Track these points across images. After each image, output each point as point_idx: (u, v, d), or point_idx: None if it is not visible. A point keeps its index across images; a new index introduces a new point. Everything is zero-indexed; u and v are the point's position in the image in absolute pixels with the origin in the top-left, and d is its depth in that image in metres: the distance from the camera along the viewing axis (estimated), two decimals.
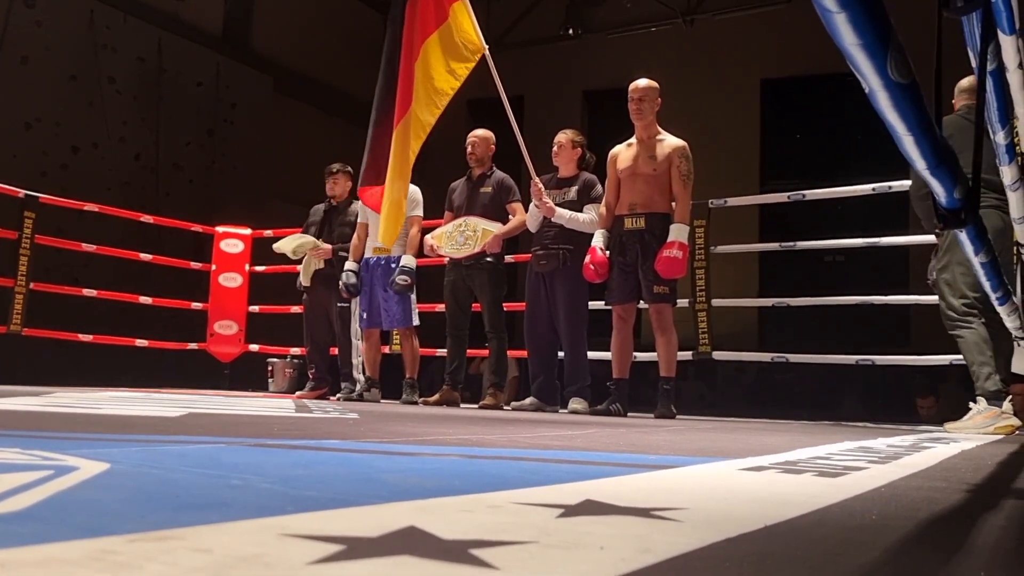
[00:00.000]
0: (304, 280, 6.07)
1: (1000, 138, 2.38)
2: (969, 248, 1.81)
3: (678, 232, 4.56)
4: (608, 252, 4.78)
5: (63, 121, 8.02)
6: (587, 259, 4.75)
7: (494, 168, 5.58)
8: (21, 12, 7.82)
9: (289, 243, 5.97)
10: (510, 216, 5.43)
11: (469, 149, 5.57)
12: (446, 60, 4.99)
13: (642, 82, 4.81)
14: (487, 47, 5.03)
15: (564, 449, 2.00)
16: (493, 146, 5.61)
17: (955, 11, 1.63)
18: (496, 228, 5.32)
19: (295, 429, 2.31)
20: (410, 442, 1.99)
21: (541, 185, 5.05)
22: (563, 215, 5.01)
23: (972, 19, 1.66)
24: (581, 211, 5.05)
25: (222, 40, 9.97)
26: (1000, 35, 2.41)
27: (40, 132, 7.85)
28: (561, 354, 5.31)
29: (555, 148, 5.28)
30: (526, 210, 5.32)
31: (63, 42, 8.10)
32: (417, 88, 4.99)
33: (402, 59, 5.10)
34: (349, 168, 6.15)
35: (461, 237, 5.33)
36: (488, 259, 5.36)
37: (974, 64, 1.88)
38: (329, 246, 5.98)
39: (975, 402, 3.86)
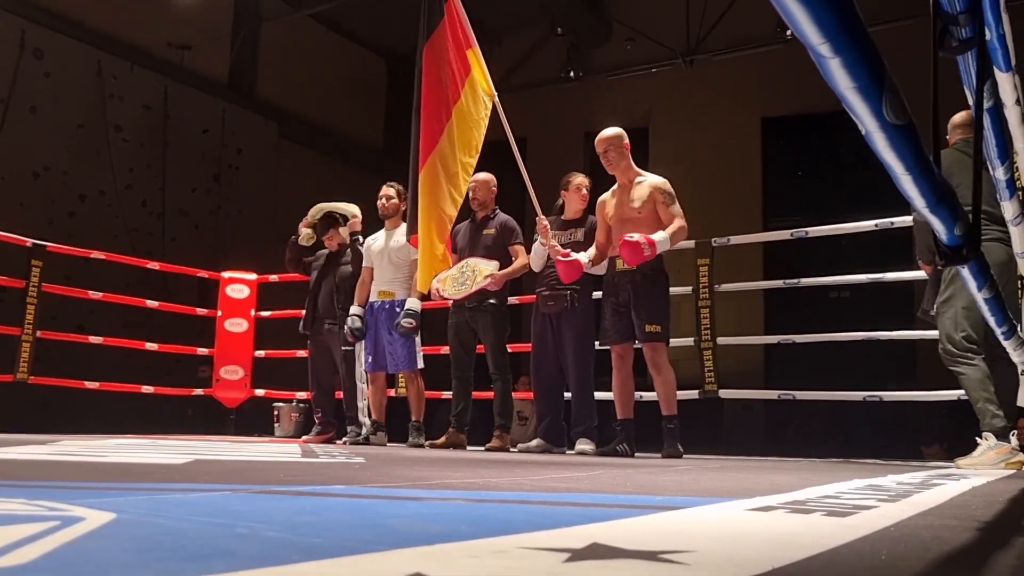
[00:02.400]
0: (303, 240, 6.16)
1: (1000, 173, 2.40)
2: (972, 284, 1.81)
3: (657, 235, 4.50)
4: (584, 262, 4.78)
5: (71, 169, 8.10)
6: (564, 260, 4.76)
7: (497, 210, 5.61)
8: (30, 64, 7.95)
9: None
10: (512, 258, 5.44)
11: (471, 193, 5.60)
12: (477, 108, 5.06)
13: (604, 133, 4.89)
14: (495, 92, 5.09)
15: (570, 491, 1.99)
16: (495, 188, 5.64)
17: (950, 51, 1.65)
18: (493, 267, 5.32)
19: (301, 475, 2.31)
20: (416, 486, 1.99)
21: (547, 222, 5.07)
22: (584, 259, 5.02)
23: (967, 58, 1.68)
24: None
25: (228, 87, 10.10)
26: (996, 72, 2.44)
27: (48, 181, 7.93)
28: (568, 395, 5.30)
29: (583, 192, 5.28)
30: (528, 251, 5.35)
31: (71, 92, 8.22)
32: (457, 133, 5.01)
33: (423, 105, 5.15)
34: (337, 215, 6.21)
35: (462, 278, 5.35)
36: (491, 301, 5.37)
37: (971, 102, 1.90)
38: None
39: (982, 437, 3.83)
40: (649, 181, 4.77)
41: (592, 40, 12.05)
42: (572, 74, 11.93)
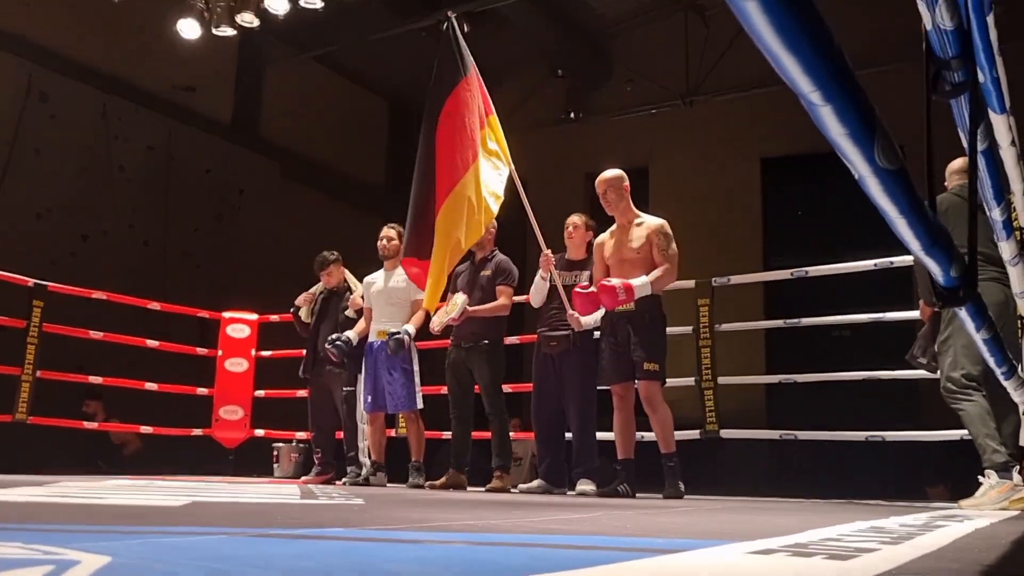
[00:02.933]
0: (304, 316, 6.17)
1: (996, 214, 2.41)
2: (970, 325, 1.81)
3: (638, 281, 4.53)
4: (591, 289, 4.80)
5: (74, 210, 8.15)
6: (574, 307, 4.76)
7: (496, 251, 5.63)
8: (36, 106, 8.04)
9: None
10: (498, 297, 5.45)
11: None
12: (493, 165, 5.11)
13: (604, 174, 4.92)
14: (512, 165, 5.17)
15: (571, 534, 1.97)
16: (493, 231, 5.65)
17: (944, 95, 1.67)
18: (464, 300, 5.35)
19: (300, 517, 2.29)
20: (415, 528, 1.97)
21: (550, 254, 5.10)
22: (576, 318, 5.01)
23: (961, 101, 1.70)
24: None
25: (231, 128, 10.19)
26: (991, 114, 2.47)
27: (50, 221, 7.98)
28: (569, 435, 5.28)
29: (569, 230, 5.33)
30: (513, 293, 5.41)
31: (76, 134, 8.29)
32: (475, 183, 5.04)
33: (440, 138, 5.20)
34: (335, 252, 6.25)
35: (446, 309, 5.41)
36: (485, 341, 5.36)
37: (965, 144, 1.92)
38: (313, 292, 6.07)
39: (984, 475, 3.80)
40: (648, 223, 4.80)
41: (592, 82, 12.18)
42: (572, 115, 12.04)
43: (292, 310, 6.32)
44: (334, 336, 5.74)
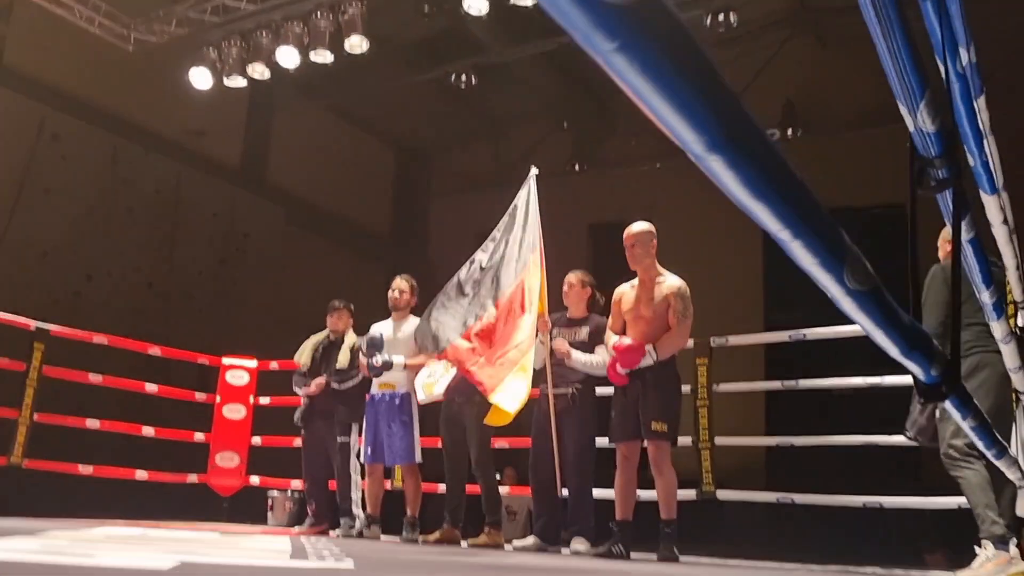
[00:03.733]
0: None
1: (986, 297, 2.44)
2: (956, 416, 1.83)
3: (651, 347, 4.56)
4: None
5: (79, 250, 8.22)
6: (616, 349, 4.72)
7: None
8: (47, 147, 8.15)
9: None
10: None
11: None
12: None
13: (635, 227, 4.89)
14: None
15: None
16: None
17: (929, 190, 1.71)
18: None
19: None
20: None
21: (547, 319, 5.12)
22: (578, 359, 5.04)
23: (946, 195, 1.73)
24: (592, 352, 5.08)
25: (239, 173, 10.30)
26: (982, 194, 2.51)
27: (55, 260, 8.04)
28: (565, 492, 5.25)
29: (565, 288, 5.35)
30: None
31: (85, 175, 8.40)
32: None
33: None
34: (351, 306, 6.24)
35: (432, 376, 5.42)
36: (479, 396, 5.35)
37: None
38: (323, 379, 5.99)
39: (980, 546, 3.78)
40: (669, 283, 4.76)
41: (597, 134, 12.31)
42: (577, 167, 12.15)
43: (296, 377, 6.30)
44: (367, 336, 5.67)
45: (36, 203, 8.00)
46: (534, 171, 5.48)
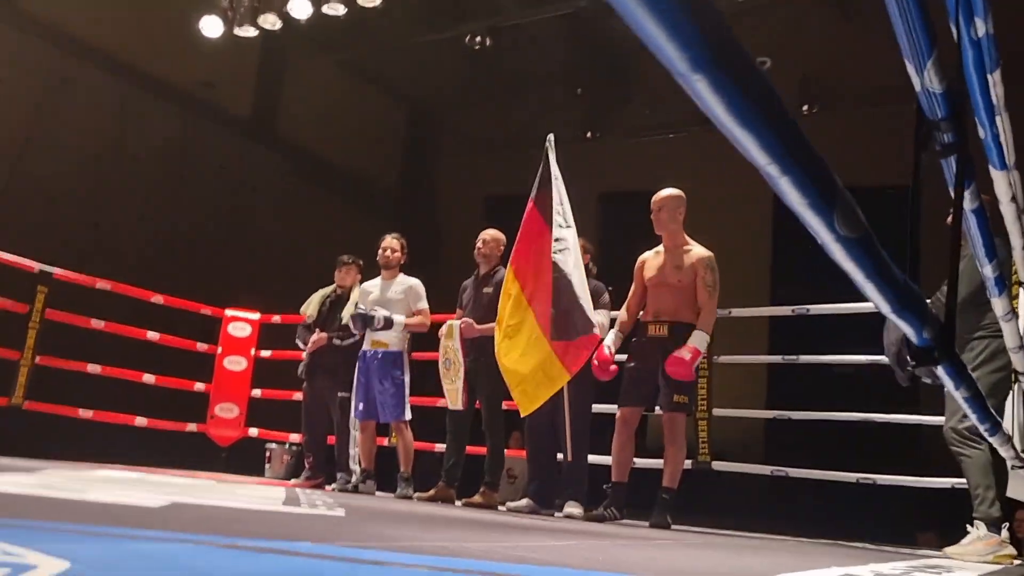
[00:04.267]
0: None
1: (988, 271, 2.41)
2: (949, 384, 1.81)
3: (697, 339, 4.53)
4: (613, 352, 4.75)
5: (86, 198, 8.20)
6: (593, 357, 4.72)
7: (500, 268, 5.60)
8: (55, 92, 8.10)
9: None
10: None
11: (479, 245, 5.64)
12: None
13: (662, 192, 4.82)
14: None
15: (538, 564, 1.98)
16: (503, 247, 5.66)
17: (934, 154, 1.68)
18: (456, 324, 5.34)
19: (274, 527, 2.30)
20: (384, 548, 1.98)
21: None
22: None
23: (951, 161, 1.70)
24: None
25: (248, 125, 10.25)
26: (992, 170, 2.47)
27: (62, 207, 8.02)
28: (560, 456, 5.27)
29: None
30: None
31: (94, 123, 8.35)
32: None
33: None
34: (360, 261, 6.22)
35: (445, 367, 5.38)
36: (491, 356, 5.35)
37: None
38: (323, 336, 6.00)
39: (972, 525, 3.78)
40: (696, 251, 4.71)
41: (612, 102, 12.20)
42: (590, 134, 12.06)
43: (302, 326, 6.29)
44: (354, 312, 5.65)
45: (45, 147, 7.97)
46: (551, 138, 5.43)
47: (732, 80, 0.67)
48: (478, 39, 10.31)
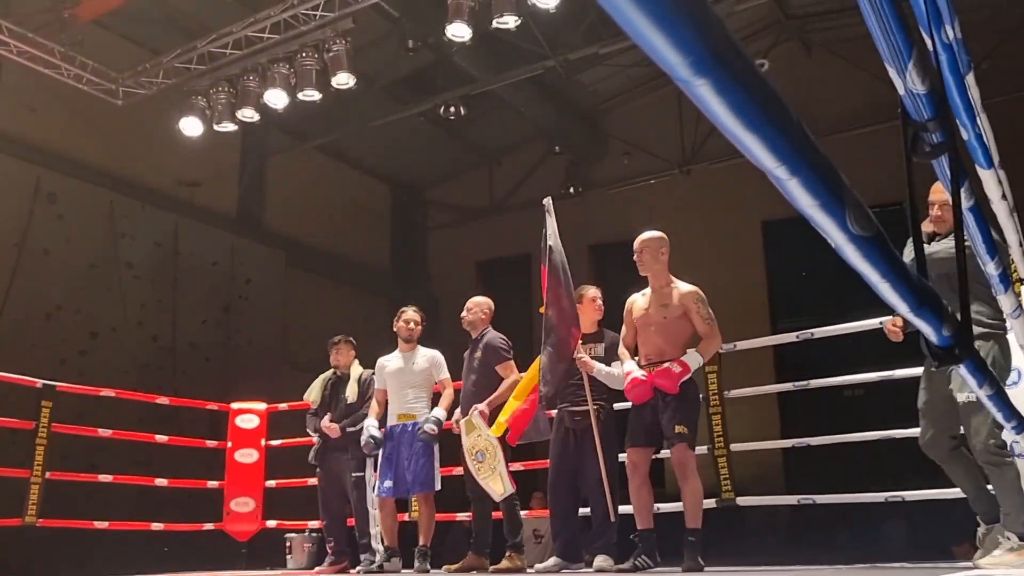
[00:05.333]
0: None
1: (991, 268, 2.42)
2: (972, 382, 1.80)
3: (690, 357, 4.53)
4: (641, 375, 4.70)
5: (82, 308, 8.22)
6: (627, 384, 4.66)
7: (487, 330, 5.58)
8: (44, 207, 8.18)
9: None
10: (502, 377, 5.37)
11: (464, 314, 5.64)
12: None
13: (643, 235, 4.86)
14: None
15: None
16: (488, 311, 5.65)
17: (924, 156, 1.70)
18: (476, 417, 5.26)
19: None
20: None
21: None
22: (600, 370, 4.99)
23: (943, 161, 1.72)
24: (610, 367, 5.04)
25: (236, 220, 10.33)
26: (979, 169, 2.49)
27: (59, 320, 8.04)
28: (585, 510, 5.19)
29: (598, 303, 5.31)
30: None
31: (83, 233, 8.42)
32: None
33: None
34: (351, 338, 6.22)
35: (479, 460, 5.29)
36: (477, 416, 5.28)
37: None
38: (336, 426, 5.96)
39: (1004, 537, 3.70)
40: (682, 288, 4.73)
41: (590, 156, 12.38)
42: (572, 189, 12.19)
43: (309, 412, 6.27)
44: (369, 430, 5.61)
45: (36, 264, 8.02)
46: (548, 202, 5.47)
47: (735, 81, 0.68)
48: (452, 109, 10.48)
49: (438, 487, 5.54)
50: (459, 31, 6.70)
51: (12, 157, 8.02)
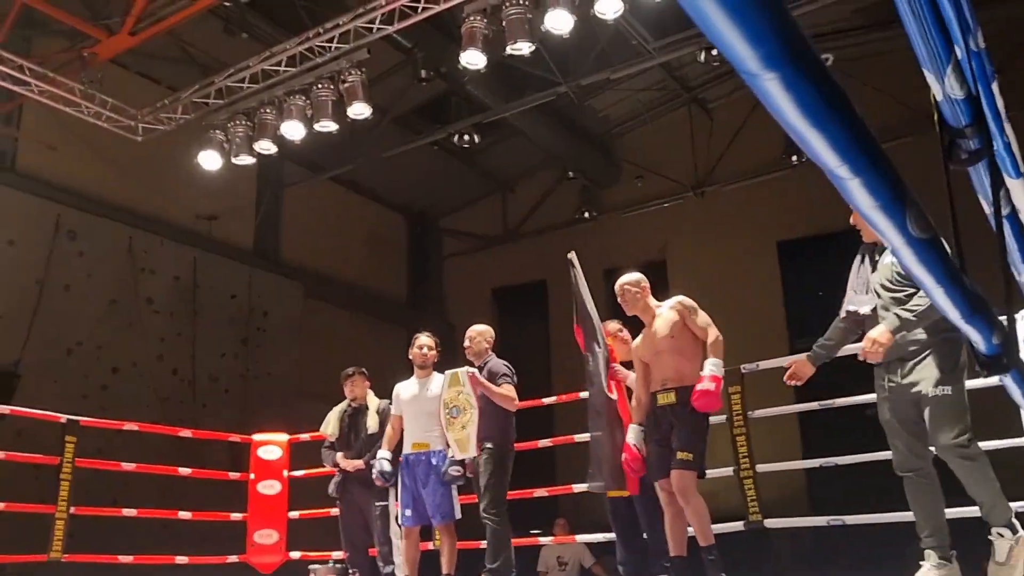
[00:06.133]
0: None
1: None
2: (1016, 392, 1.79)
3: (711, 366, 4.51)
4: (639, 448, 4.71)
5: (104, 343, 8.25)
6: (624, 457, 4.69)
7: (489, 357, 5.54)
8: (65, 244, 8.26)
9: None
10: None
11: (466, 344, 5.59)
12: None
13: (619, 280, 4.91)
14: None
15: None
16: (491, 340, 5.62)
17: (961, 163, 1.69)
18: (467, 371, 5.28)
19: None
20: None
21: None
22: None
23: (980, 169, 1.72)
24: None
25: (253, 252, 10.40)
26: (1007, 179, 2.48)
27: (81, 356, 8.08)
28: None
29: (623, 335, 5.31)
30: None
31: (104, 269, 8.48)
32: None
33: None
34: (364, 370, 6.21)
35: (452, 415, 5.30)
36: (488, 445, 5.24)
37: (987, 211, 1.93)
38: (359, 462, 5.94)
39: (993, 535, 3.61)
40: (667, 304, 4.78)
41: (603, 181, 12.41)
42: (587, 214, 12.22)
43: (325, 445, 6.26)
44: (379, 465, 5.60)
45: (58, 300, 8.08)
46: (573, 257, 5.48)
47: (804, 76, 0.68)
48: (465, 137, 10.55)
49: (458, 516, 5.49)
50: (473, 59, 6.74)
51: (33, 195, 8.11)
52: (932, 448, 3.74)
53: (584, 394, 5.28)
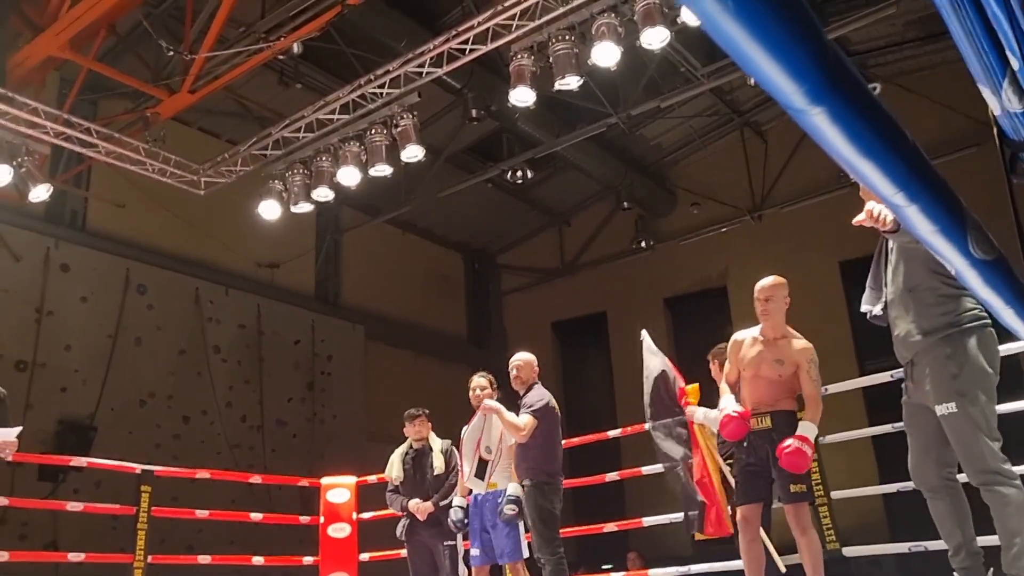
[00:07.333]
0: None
1: None
2: None
3: (806, 429, 4.35)
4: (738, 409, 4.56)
5: (174, 393, 8.44)
6: (721, 419, 4.52)
7: (534, 386, 5.47)
8: (134, 299, 8.50)
9: None
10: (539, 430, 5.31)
11: (513, 373, 5.53)
12: None
13: (768, 280, 4.69)
14: None
15: None
16: (537, 368, 5.57)
17: (1023, 176, 1.65)
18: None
19: None
20: None
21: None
22: (698, 413, 4.95)
23: None
24: None
25: (315, 298, 10.57)
26: None
27: (154, 406, 8.27)
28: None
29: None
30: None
31: (172, 320, 8.71)
32: None
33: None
34: (426, 411, 6.21)
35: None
36: (526, 482, 5.17)
37: None
38: (429, 504, 5.94)
39: None
40: (797, 344, 4.55)
41: (659, 209, 12.36)
42: (644, 244, 12.17)
43: (389, 489, 6.27)
44: (453, 514, 5.61)
45: (130, 353, 8.30)
46: (645, 334, 5.47)
47: (851, 108, 0.68)
48: (518, 173, 10.62)
49: (525, 555, 5.44)
50: (523, 96, 6.79)
51: (104, 252, 8.37)
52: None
53: (647, 425, 5.23)
